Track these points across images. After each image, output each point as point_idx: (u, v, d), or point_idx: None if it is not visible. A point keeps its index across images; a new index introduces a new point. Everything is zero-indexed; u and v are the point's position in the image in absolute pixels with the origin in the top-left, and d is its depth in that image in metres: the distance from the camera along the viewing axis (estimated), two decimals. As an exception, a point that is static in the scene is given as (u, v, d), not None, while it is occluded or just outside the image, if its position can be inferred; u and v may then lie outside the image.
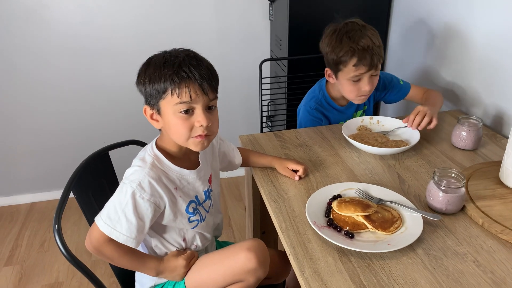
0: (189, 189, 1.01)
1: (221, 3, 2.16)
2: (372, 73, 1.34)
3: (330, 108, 1.49)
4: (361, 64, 1.29)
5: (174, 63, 0.89)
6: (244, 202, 2.34)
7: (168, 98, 0.90)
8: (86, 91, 2.20)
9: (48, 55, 2.08)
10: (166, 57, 0.91)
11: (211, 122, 0.93)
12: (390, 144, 1.26)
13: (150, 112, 0.96)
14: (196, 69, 0.89)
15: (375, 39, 1.31)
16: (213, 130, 0.95)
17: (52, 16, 2.01)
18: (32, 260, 1.97)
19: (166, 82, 0.88)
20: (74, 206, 1.15)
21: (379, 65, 1.34)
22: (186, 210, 1.00)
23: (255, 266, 0.96)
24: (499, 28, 1.37)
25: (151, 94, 0.92)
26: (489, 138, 1.33)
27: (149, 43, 2.15)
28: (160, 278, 1.05)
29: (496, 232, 0.90)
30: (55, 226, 0.92)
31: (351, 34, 1.30)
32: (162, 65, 0.90)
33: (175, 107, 0.90)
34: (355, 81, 1.34)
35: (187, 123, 0.91)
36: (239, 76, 2.33)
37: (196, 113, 0.91)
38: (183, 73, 0.88)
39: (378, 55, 1.30)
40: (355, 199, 0.97)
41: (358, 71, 1.31)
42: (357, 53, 1.28)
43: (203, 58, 0.95)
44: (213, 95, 0.93)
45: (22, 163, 2.30)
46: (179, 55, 0.91)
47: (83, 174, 1.06)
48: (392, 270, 0.81)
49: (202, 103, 0.91)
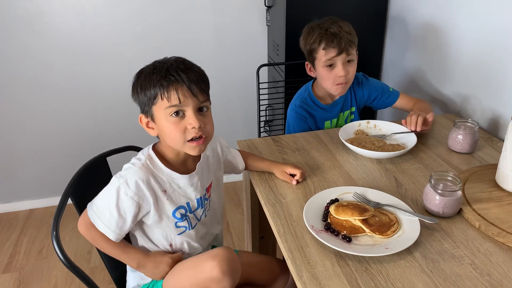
0: (180, 194, 1.01)
1: (219, 9, 2.17)
2: (345, 59, 1.38)
3: (315, 106, 1.51)
4: (329, 47, 1.35)
5: (162, 69, 0.91)
6: (242, 207, 2.34)
7: (159, 103, 0.91)
8: (84, 97, 2.21)
9: (47, 60, 2.09)
10: (155, 65, 0.94)
11: (204, 123, 0.94)
12: (387, 148, 1.27)
13: (146, 120, 0.97)
14: (184, 73, 0.91)
15: (344, 27, 1.37)
16: (208, 131, 0.96)
17: (52, 20, 2.02)
18: (31, 267, 1.96)
19: (156, 87, 0.90)
20: (73, 213, 1.16)
21: (352, 51, 1.38)
22: (173, 214, 1.00)
23: (218, 276, 0.92)
24: (495, 32, 1.39)
25: (144, 102, 0.94)
26: (485, 141, 1.34)
27: (147, 47, 2.16)
28: (142, 279, 1.05)
29: (493, 234, 0.90)
30: (53, 233, 0.92)
31: (322, 24, 1.39)
32: (152, 72, 0.92)
33: (166, 111, 0.91)
34: (329, 66, 1.39)
35: (179, 126, 0.92)
36: (236, 81, 2.34)
37: (187, 116, 0.92)
38: (171, 77, 0.90)
39: (348, 40, 1.35)
40: (353, 203, 0.97)
41: (328, 54, 1.36)
42: (325, 38, 1.35)
43: (193, 63, 0.96)
44: (203, 97, 0.94)
45: (20, 169, 2.30)
46: (168, 62, 0.93)
47: (81, 180, 1.07)
48: (389, 273, 0.81)
49: (192, 105, 0.92)
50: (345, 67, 1.38)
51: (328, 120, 1.54)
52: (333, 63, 1.38)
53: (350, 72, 1.40)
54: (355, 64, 1.42)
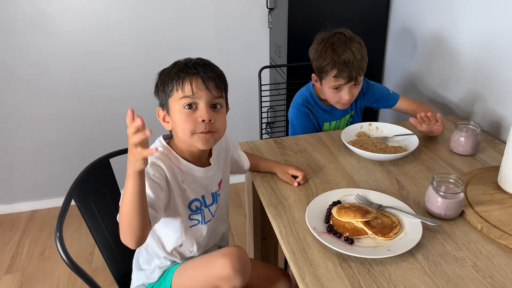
0: (196, 186, 1.02)
1: (221, 11, 2.18)
2: (352, 84, 1.40)
3: (316, 106, 1.53)
4: (340, 77, 1.37)
5: (181, 64, 0.96)
6: (244, 209, 2.34)
7: (174, 94, 0.94)
8: (86, 99, 2.22)
9: (49, 63, 2.09)
10: (175, 62, 0.98)
11: (214, 119, 0.95)
12: (389, 150, 1.27)
13: (163, 114, 1.00)
14: (201, 67, 0.94)
15: (357, 54, 1.36)
16: (218, 127, 0.97)
17: (53, 23, 2.03)
18: (33, 268, 1.96)
19: (173, 80, 0.94)
20: (75, 214, 1.16)
21: (360, 77, 1.40)
22: (189, 206, 1.01)
23: (229, 273, 0.93)
24: (496, 35, 1.39)
25: (162, 96, 0.98)
26: (488, 144, 1.34)
27: (149, 50, 2.17)
28: (148, 278, 1.06)
29: (495, 237, 0.90)
30: (57, 234, 0.92)
31: (335, 46, 1.37)
32: (172, 68, 0.97)
33: (180, 102, 0.94)
34: (336, 89, 1.41)
35: (190, 118, 0.94)
36: (239, 83, 2.34)
37: (200, 109, 0.94)
38: (188, 70, 0.93)
39: (358, 68, 1.37)
40: (355, 205, 0.98)
41: (337, 82, 1.38)
42: (337, 66, 1.35)
43: (214, 64, 1.00)
44: (217, 93, 0.96)
45: (22, 171, 2.30)
46: (189, 59, 0.98)
47: (85, 181, 1.07)
48: (392, 275, 0.81)
49: (205, 99, 0.94)
50: (351, 91, 1.41)
51: (327, 121, 1.55)
52: (340, 87, 1.40)
53: (355, 94, 1.44)
54: (360, 85, 1.45)
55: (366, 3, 1.93)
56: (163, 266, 1.06)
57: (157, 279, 1.05)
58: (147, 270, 1.07)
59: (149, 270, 1.07)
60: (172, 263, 1.06)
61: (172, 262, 1.07)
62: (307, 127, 1.52)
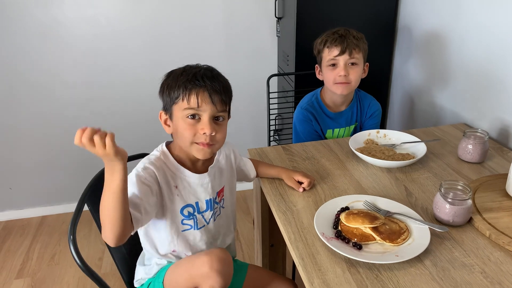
0: (190, 192, 1.04)
1: (230, 20, 2.21)
2: (348, 60, 1.41)
3: (320, 111, 1.55)
4: (332, 46, 1.41)
5: (190, 73, 0.97)
6: (252, 215, 2.35)
7: (179, 103, 0.96)
8: (98, 106, 2.25)
9: (61, 70, 2.14)
10: (185, 68, 1.00)
11: (216, 132, 0.97)
12: (397, 157, 1.28)
13: (165, 117, 1.02)
14: (209, 80, 0.95)
15: (353, 32, 1.42)
16: (217, 140, 0.99)
17: (65, 33, 2.07)
18: (43, 273, 1.99)
19: (180, 88, 0.95)
20: (85, 220, 1.18)
21: (356, 54, 1.42)
22: (181, 211, 1.02)
23: (207, 272, 0.93)
24: (505, 42, 1.40)
25: (167, 100, 0.99)
26: (496, 151, 1.34)
27: (159, 58, 2.20)
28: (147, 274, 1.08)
29: (503, 243, 0.91)
30: (70, 237, 0.94)
31: (335, 30, 1.45)
32: (180, 73, 0.98)
33: (184, 112, 0.96)
34: (332, 66, 1.44)
35: (192, 128, 0.96)
36: (247, 90, 2.37)
37: (202, 121, 0.96)
38: (196, 81, 0.95)
39: (353, 42, 1.40)
40: (363, 211, 0.98)
41: (331, 53, 1.42)
42: (331, 37, 1.43)
43: (221, 75, 1.01)
44: (221, 107, 0.98)
45: (33, 177, 2.34)
46: (198, 67, 0.99)
47: (98, 186, 1.09)
48: (400, 281, 0.82)
49: (209, 112, 0.96)
50: (347, 68, 1.42)
51: (330, 128, 1.57)
52: (336, 62, 1.43)
53: (352, 74, 1.43)
54: (358, 69, 1.45)
55: (373, 12, 1.94)
56: (161, 264, 1.08)
57: (153, 275, 1.07)
58: (148, 266, 1.10)
59: (149, 266, 1.10)
60: (168, 262, 1.08)
61: (168, 261, 1.08)
62: (308, 132, 1.54)
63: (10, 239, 2.24)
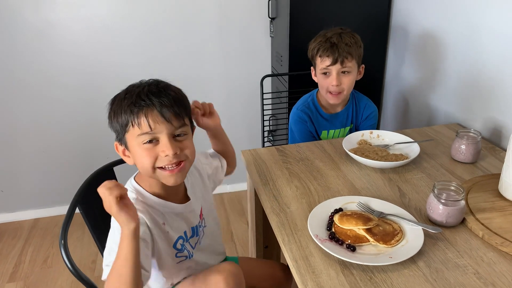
0: (178, 224, 0.98)
1: (224, 21, 2.20)
2: (340, 69, 1.41)
3: (316, 112, 1.55)
4: (325, 56, 1.41)
5: (133, 93, 0.86)
6: (246, 217, 2.35)
7: (131, 130, 0.86)
8: (90, 108, 2.23)
9: (54, 73, 2.12)
10: (128, 89, 0.89)
11: (180, 149, 0.87)
12: (390, 157, 1.28)
13: (121, 148, 0.93)
14: (155, 96, 0.85)
15: (345, 38, 1.40)
16: (186, 155, 0.89)
17: (58, 35, 2.05)
18: (35, 276, 1.97)
19: (126, 113, 0.85)
20: (78, 222, 1.17)
21: (348, 63, 1.41)
22: (174, 245, 0.98)
23: None
24: (498, 42, 1.40)
25: (117, 129, 0.89)
26: (488, 151, 1.35)
27: (155, 61, 2.19)
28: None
29: (496, 244, 0.91)
30: (61, 241, 0.93)
31: (327, 33, 1.44)
32: (124, 97, 0.87)
33: (138, 138, 0.86)
34: (325, 74, 1.44)
35: (151, 152, 0.86)
36: (241, 91, 2.36)
37: (161, 143, 0.86)
38: (141, 102, 0.84)
39: (344, 52, 1.39)
40: (357, 213, 0.98)
41: (323, 63, 1.42)
42: (323, 46, 1.41)
43: (170, 85, 0.90)
44: (178, 123, 0.87)
45: (25, 179, 2.32)
46: (141, 85, 0.88)
47: (89, 189, 1.08)
48: (393, 282, 0.82)
49: (166, 132, 0.86)
50: (339, 78, 1.42)
51: (325, 129, 1.57)
52: (328, 71, 1.43)
53: (344, 83, 1.44)
54: (351, 76, 1.44)
55: (367, 12, 1.95)
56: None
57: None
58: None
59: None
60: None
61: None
62: (303, 133, 1.55)
63: (2, 242, 2.21)
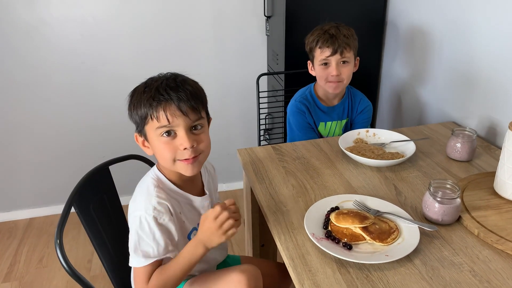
0: (193, 215, 1.01)
1: (219, 19, 2.20)
2: (340, 59, 1.45)
3: (313, 104, 1.57)
4: (324, 47, 1.44)
5: (152, 87, 0.89)
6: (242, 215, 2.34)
7: (150, 123, 0.90)
8: (85, 107, 2.22)
9: (48, 71, 2.10)
10: (147, 83, 0.92)
11: (197, 142, 0.91)
12: (386, 156, 1.28)
13: (141, 139, 0.96)
14: (173, 91, 0.87)
15: (343, 30, 1.45)
16: (202, 149, 0.93)
17: (51, 32, 2.04)
18: (31, 276, 1.96)
19: (145, 107, 0.88)
20: (73, 221, 1.16)
21: (347, 53, 1.45)
22: (189, 236, 1.00)
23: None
24: (493, 40, 1.41)
25: (137, 121, 0.93)
26: (484, 149, 1.36)
27: (148, 59, 2.18)
28: None
29: (492, 242, 0.91)
30: (57, 241, 0.93)
31: (324, 26, 1.47)
32: (143, 90, 0.90)
33: (157, 131, 0.89)
34: (325, 65, 1.47)
35: (171, 146, 0.90)
36: (237, 90, 2.36)
37: (179, 136, 0.89)
38: (160, 96, 0.87)
39: (344, 42, 1.43)
40: (353, 211, 0.98)
41: (323, 53, 1.45)
42: (322, 37, 1.45)
43: (187, 79, 0.93)
44: (195, 116, 0.90)
45: (20, 178, 2.30)
46: (159, 79, 0.91)
47: (85, 188, 1.08)
48: (390, 280, 0.82)
49: (183, 125, 0.89)
50: (338, 68, 1.45)
51: (323, 121, 1.59)
52: (327, 62, 1.46)
53: (343, 73, 1.47)
54: (350, 66, 1.48)
55: (362, 10, 1.95)
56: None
57: None
58: None
59: None
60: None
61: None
62: (301, 124, 1.56)
63: (-3, 242, 2.20)
